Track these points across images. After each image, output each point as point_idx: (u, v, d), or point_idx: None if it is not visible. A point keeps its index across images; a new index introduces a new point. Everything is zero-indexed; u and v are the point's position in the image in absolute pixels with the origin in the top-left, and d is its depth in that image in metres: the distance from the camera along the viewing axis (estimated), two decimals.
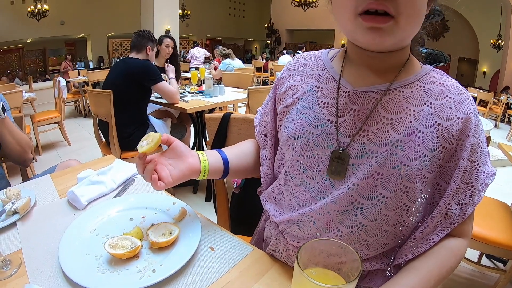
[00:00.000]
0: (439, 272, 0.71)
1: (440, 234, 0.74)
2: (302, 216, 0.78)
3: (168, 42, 3.70)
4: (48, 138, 5.20)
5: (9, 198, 1.02)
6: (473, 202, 0.73)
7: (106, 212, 0.96)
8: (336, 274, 0.58)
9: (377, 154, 0.69)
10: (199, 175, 0.85)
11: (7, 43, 12.75)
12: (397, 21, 0.60)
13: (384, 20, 0.60)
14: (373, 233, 0.74)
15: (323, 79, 0.79)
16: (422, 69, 0.75)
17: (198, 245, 0.81)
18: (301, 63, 0.87)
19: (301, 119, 0.79)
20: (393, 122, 0.69)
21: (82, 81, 7.07)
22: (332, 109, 0.75)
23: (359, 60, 0.75)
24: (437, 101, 0.70)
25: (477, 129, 0.71)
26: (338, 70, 0.78)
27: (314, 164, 0.76)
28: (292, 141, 0.79)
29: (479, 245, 1.69)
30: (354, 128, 0.72)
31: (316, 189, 0.76)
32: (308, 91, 0.80)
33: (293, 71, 0.87)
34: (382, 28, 0.61)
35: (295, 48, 15.89)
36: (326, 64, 0.81)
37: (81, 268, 0.74)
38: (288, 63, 0.91)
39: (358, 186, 0.70)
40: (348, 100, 0.74)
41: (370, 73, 0.74)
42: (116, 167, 1.23)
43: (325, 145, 0.75)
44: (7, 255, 0.82)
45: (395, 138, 0.68)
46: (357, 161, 0.71)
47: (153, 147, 0.78)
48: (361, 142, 0.71)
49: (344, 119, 0.73)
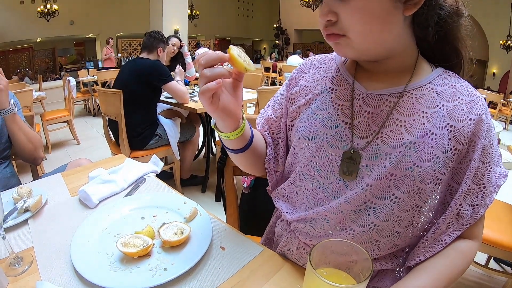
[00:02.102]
0: (450, 274, 0.72)
1: (452, 235, 0.74)
2: (315, 214, 0.79)
3: (174, 41, 3.73)
4: (57, 136, 5.24)
5: (20, 196, 1.04)
6: (485, 203, 0.73)
7: (117, 210, 0.97)
8: (347, 275, 0.59)
9: (391, 156, 0.70)
10: (239, 127, 0.77)
11: (17, 42, 12.88)
12: (348, 37, 0.67)
13: (336, 37, 0.68)
14: (385, 233, 0.74)
15: (337, 82, 0.81)
16: (434, 71, 0.75)
17: (209, 244, 0.81)
18: (314, 66, 0.88)
19: (315, 120, 0.80)
20: (406, 124, 0.71)
21: (91, 80, 7.12)
22: (346, 111, 0.77)
23: (367, 65, 0.78)
24: (449, 103, 0.71)
25: (489, 130, 0.71)
26: (352, 72, 0.80)
27: (328, 165, 0.77)
28: (306, 141, 0.80)
29: (487, 248, 1.67)
30: (368, 130, 0.74)
31: (330, 189, 0.77)
32: (322, 93, 0.82)
33: (306, 72, 0.88)
34: (338, 42, 0.69)
35: (304, 48, 15.88)
36: (340, 67, 0.83)
37: (93, 266, 0.75)
38: (301, 64, 0.92)
39: (372, 187, 0.71)
40: (362, 103, 0.75)
41: (381, 77, 0.76)
42: (127, 166, 1.24)
43: (339, 145, 0.76)
44: (19, 252, 0.83)
45: (409, 140, 0.69)
46: (371, 162, 0.72)
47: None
48: (375, 144, 0.72)
49: (359, 121, 0.75)
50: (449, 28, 0.71)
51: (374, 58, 0.74)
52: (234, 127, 0.76)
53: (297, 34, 18.83)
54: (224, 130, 0.77)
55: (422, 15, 0.67)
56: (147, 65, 2.73)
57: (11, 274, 0.76)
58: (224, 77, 0.68)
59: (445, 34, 0.72)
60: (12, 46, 13.04)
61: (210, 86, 0.65)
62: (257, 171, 0.96)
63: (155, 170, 1.29)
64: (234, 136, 0.77)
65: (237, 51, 0.68)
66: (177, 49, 3.79)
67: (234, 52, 0.67)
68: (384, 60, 0.73)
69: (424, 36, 0.71)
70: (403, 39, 0.70)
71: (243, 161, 0.91)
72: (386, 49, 0.71)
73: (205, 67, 0.66)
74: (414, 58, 0.75)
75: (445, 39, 0.73)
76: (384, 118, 0.73)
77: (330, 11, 0.66)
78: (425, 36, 0.71)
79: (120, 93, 2.59)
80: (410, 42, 0.72)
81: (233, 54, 0.66)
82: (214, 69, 0.66)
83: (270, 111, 0.95)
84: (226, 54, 0.67)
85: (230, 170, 1.26)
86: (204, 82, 0.66)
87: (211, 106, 0.69)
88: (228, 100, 0.72)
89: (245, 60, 0.68)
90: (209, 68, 0.66)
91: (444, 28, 0.70)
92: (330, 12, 0.66)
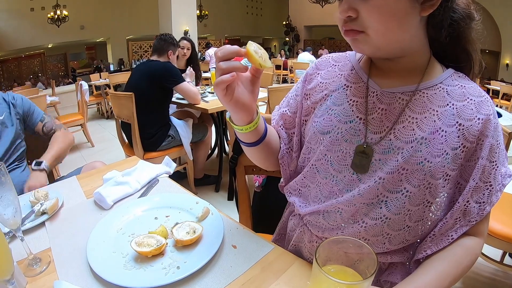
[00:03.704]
0: (455, 271, 0.73)
1: (459, 231, 0.76)
2: (329, 207, 0.81)
3: (184, 43, 3.72)
4: None
5: (37, 199, 1.07)
6: (491, 201, 0.75)
7: (131, 211, 0.99)
8: (353, 271, 0.59)
9: (403, 151, 0.73)
10: (253, 120, 0.79)
11: (29, 49, 13.10)
12: (367, 34, 0.68)
13: (355, 33, 0.70)
14: (396, 227, 0.77)
15: (352, 79, 0.83)
16: (445, 72, 0.77)
17: (221, 243, 0.83)
18: (330, 64, 0.90)
19: (330, 115, 0.82)
20: (418, 121, 0.73)
21: (103, 83, 7.21)
22: (361, 107, 0.79)
23: (381, 64, 0.80)
24: (459, 102, 0.73)
25: (496, 131, 0.73)
26: (366, 70, 0.82)
27: (342, 158, 0.80)
28: (321, 135, 0.83)
29: (502, 244, 1.63)
30: (381, 126, 0.77)
31: (343, 182, 0.80)
32: (338, 89, 0.84)
33: (321, 70, 0.90)
34: (357, 39, 0.70)
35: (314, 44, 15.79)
36: (355, 65, 0.85)
37: (108, 265, 0.77)
38: (317, 61, 0.94)
39: (385, 180, 0.74)
40: (376, 100, 0.78)
41: (395, 76, 0.78)
42: (141, 168, 1.27)
43: (353, 140, 0.78)
44: (37, 253, 0.86)
45: (420, 136, 0.72)
46: (384, 156, 0.75)
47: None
48: (388, 139, 0.75)
49: (373, 117, 0.78)
50: (461, 30, 0.74)
51: (390, 55, 0.75)
52: (248, 120, 0.78)
53: (307, 30, 18.73)
54: (238, 123, 0.80)
55: (437, 16, 0.69)
56: (159, 67, 2.76)
57: (30, 274, 0.79)
58: (239, 70, 0.70)
59: (457, 36, 0.75)
60: (24, 52, 13.28)
61: (224, 78, 0.68)
62: (270, 165, 0.97)
63: (167, 171, 1.31)
64: (247, 129, 0.79)
65: (254, 47, 0.70)
66: (188, 51, 3.80)
67: (251, 47, 0.69)
68: (398, 59, 0.76)
69: (437, 37, 0.74)
70: (417, 39, 0.73)
71: (257, 154, 0.93)
72: (402, 48, 0.73)
73: (221, 59, 0.69)
74: (426, 58, 0.77)
75: (457, 41, 0.76)
76: (397, 114, 0.75)
77: (350, 7, 0.67)
78: (438, 37, 0.74)
79: (132, 95, 2.61)
80: (423, 42, 0.75)
81: (249, 49, 0.69)
82: (229, 62, 0.69)
83: (285, 106, 0.97)
84: (243, 49, 0.69)
85: (242, 169, 1.28)
86: (219, 74, 0.69)
87: (225, 97, 0.72)
88: (244, 94, 0.74)
89: (261, 56, 0.70)
90: (225, 61, 0.69)
91: (457, 30, 0.74)
92: (350, 9, 0.67)
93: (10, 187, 0.75)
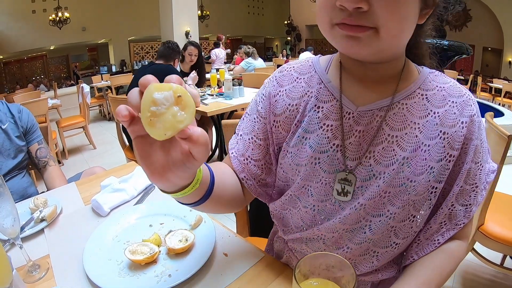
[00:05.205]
0: (439, 277, 0.71)
1: (446, 235, 0.73)
2: (311, 234, 0.78)
3: (191, 50, 3.77)
4: (74, 142, 5.35)
5: (37, 207, 1.09)
6: (477, 201, 0.72)
7: (127, 219, 1.02)
8: (335, 285, 0.58)
9: (384, 175, 0.68)
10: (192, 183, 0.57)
11: (31, 51, 13.11)
12: (377, 32, 0.57)
13: (363, 29, 0.57)
14: (382, 244, 0.74)
15: (322, 97, 0.74)
16: (421, 74, 0.72)
17: (212, 251, 0.85)
18: (293, 77, 0.78)
19: (304, 145, 0.74)
20: (398, 140, 0.68)
21: (105, 85, 7.23)
22: (336, 132, 0.71)
23: (355, 71, 0.72)
24: (440, 108, 0.68)
25: (480, 129, 0.70)
26: (336, 84, 0.73)
27: (322, 188, 0.73)
28: (297, 167, 0.75)
29: (503, 247, 1.59)
30: (360, 150, 0.70)
31: (325, 211, 0.75)
32: (309, 112, 0.74)
33: (284, 86, 0.78)
34: (359, 37, 0.58)
35: (315, 44, 15.74)
36: (322, 77, 0.75)
37: (103, 273, 0.79)
38: (276, 75, 0.81)
39: (366, 206, 0.70)
40: (353, 122, 0.70)
41: (370, 86, 0.71)
42: (137, 174, 1.29)
43: (332, 170, 0.72)
44: (35, 260, 0.88)
45: (401, 156, 0.67)
46: (365, 183, 0.70)
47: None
48: (368, 164, 0.69)
49: (350, 141, 0.70)
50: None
51: (382, 60, 0.67)
52: (173, 188, 0.57)
53: (308, 30, 18.63)
54: (164, 189, 0.57)
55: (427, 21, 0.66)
56: (160, 69, 2.81)
57: (29, 281, 0.81)
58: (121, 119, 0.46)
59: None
60: (26, 54, 13.28)
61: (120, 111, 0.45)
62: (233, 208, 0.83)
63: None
64: (176, 196, 0.58)
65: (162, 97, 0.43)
66: (195, 57, 3.84)
67: (156, 95, 0.43)
68: (380, 65, 0.69)
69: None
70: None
71: (205, 210, 0.76)
72: (397, 53, 0.68)
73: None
74: (403, 61, 0.72)
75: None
76: (375, 134, 0.69)
77: None
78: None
79: None
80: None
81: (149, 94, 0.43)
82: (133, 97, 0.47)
83: (248, 133, 0.81)
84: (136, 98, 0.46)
85: None
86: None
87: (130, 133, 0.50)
88: (158, 153, 0.50)
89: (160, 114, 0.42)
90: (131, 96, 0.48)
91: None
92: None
93: (8, 198, 0.77)
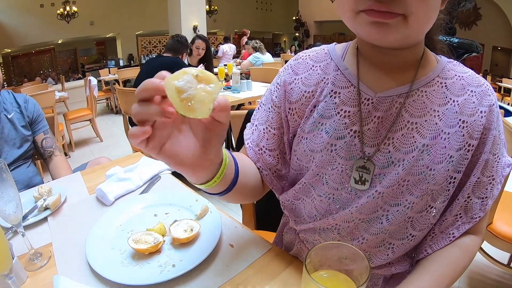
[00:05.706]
0: (452, 273, 0.69)
1: (461, 229, 0.71)
2: (325, 224, 0.75)
3: (199, 43, 3.76)
4: (81, 135, 5.37)
5: (41, 195, 1.09)
6: (493, 195, 0.71)
7: (131, 208, 1.00)
8: (346, 277, 0.56)
9: (404, 162, 0.66)
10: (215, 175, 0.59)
11: (39, 44, 13.19)
12: (406, 18, 0.55)
13: (392, 16, 0.55)
14: (398, 236, 0.72)
15: (339, 83, 0.71)
16: (439, 62, 0.70)
17: (217, 241, 0.82)
18: (308, 65, 0.77)
19: (320, 130, 0.71)
20: (418, 127, 0.66)
21: (112, 79, 7.25)
22: (354, 118, 0.69)
23: (374, 58, 0.70)
24: (459, 97, 0.67)
25: (498, 120, 0.69)
26: (353, 71, 0.71)
27: (338, 176, 0.71)
28: (312, 153, 0.73)
29: (510, 247, 1.56)
30: (378, 136, 0.68)
31: (340, 200, 0.72)
32: (324, 98, 0.72)
33: (300, 74, 0.77)
34: (388, 23, 0.56)
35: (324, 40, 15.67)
36: (339, 64, 0.73)
37: (106, 262, 0.78)
38: (292, 64, 0.80)
39: (384, 194, 0.67)
40: (372, 108, 0.68)
41: (388, 73, 0.69)
42: (143, 164, 1.28)
43: (349, 156, 0.69)
44: (38, 248, 0.87)
45: (421, 143, 0.65)
46: (383, 170, 0.68)
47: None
48: (387, 151, 0.67)
49: (368, 127, 0.68)
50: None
51: (407, 46, 0.65)
52: (205, 178, 0.59)
53: (316, 26, 18.54)
54: (192, 181, 0.60)
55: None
56: (168, 62, 2.80)
57: (30, 269, 0.80)
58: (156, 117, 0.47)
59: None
60: (34, 48, 13.37)
61: (136, 132, 0.46)
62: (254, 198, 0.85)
63: (170, 167, 1.31)
64: (209, 186, 0.60)
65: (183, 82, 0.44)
66: (202, 51, 3.82)
67: (173, 83, 0.44)
68: (402, 51, 0.66)
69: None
70: None
71: (230, 199, 0.75)
72: (420, 39, 0.66)
73: (138, 100, 0.46)
74: (423, 48, 0.69)
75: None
76: (394, 121, 0.67)
77: None
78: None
79: None
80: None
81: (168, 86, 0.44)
82: (144, 107, 0.46)
83: (263, 123, 0.81)
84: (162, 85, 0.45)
85: None
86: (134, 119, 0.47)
87: (147, 149, 0.49)
88: (186, 146, 0.51)
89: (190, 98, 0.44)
90: (141, 103, 0.46)
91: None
92: None
93: (11, 184, 0.76)
